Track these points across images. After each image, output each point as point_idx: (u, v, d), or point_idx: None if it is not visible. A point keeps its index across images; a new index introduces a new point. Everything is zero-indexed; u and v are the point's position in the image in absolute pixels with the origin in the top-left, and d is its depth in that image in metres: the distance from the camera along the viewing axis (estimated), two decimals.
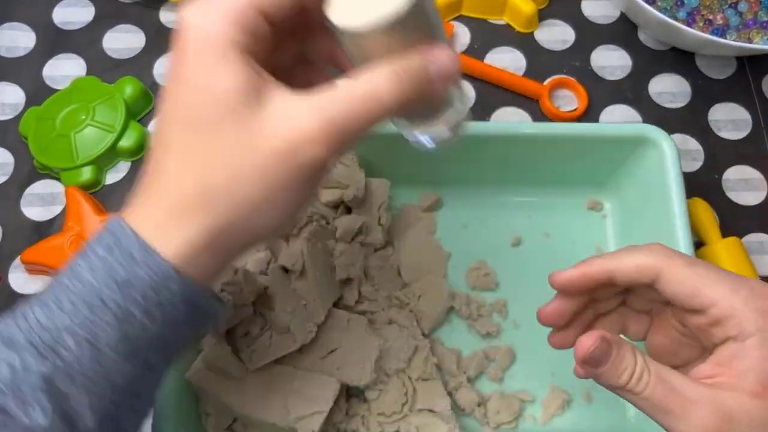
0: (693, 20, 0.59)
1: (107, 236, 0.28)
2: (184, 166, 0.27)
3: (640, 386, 0.28)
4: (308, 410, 0.41)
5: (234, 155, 0.26)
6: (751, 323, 0.28)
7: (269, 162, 0.26)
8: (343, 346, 0.43)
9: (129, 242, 0.27)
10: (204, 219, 0.27)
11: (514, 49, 0.60)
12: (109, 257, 0.27)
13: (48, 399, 0.26)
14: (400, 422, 0.44)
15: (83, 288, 0.27)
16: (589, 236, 0.52)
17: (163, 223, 0.27)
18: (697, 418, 0.27)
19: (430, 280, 0.48)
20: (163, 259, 0.27)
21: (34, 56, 0.58)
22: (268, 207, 0.27)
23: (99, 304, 0.27)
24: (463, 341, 0.49)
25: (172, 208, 0.27)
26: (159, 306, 0.27)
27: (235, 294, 0.39)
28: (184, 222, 0.27)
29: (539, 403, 0.47)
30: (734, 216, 0.54)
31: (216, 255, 0.28)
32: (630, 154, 0.49)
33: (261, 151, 0.26)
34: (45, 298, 0.28)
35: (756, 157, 0.56)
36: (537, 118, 0.57)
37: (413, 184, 0.52)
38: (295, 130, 0.26)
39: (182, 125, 0.27)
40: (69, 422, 0.27)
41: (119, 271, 0.27)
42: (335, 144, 0.26)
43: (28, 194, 0.53)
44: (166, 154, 0.28)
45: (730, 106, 0.58)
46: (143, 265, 0.27)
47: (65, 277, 0.28)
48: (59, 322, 0.27)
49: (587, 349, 0.29)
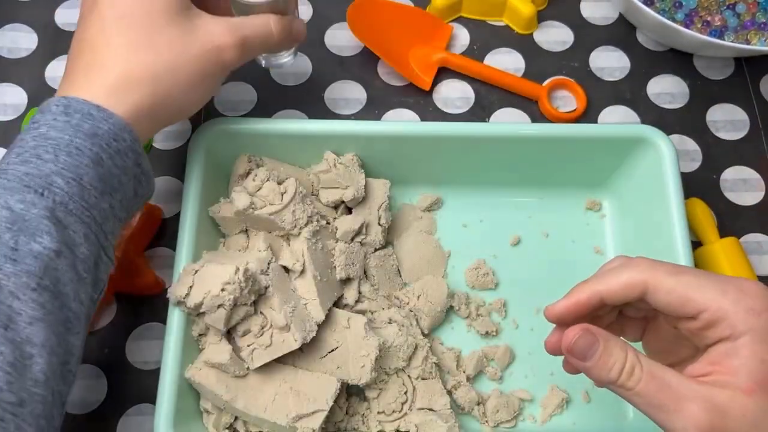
0: (691, 21, 0.59)
1: (56, 108, 0.35)
2: (129, 52, 0.37)
3: (632, 381, 0.29)
4: (308, 409, 0.41)
5: (176, 48, 0.38)
6: (741, 323, 0.29)
7: (202, 56, 0.39)
8: (343, 346, 0.43)
9: (85, 107, 0.35)
10: (150, 89, 0.37)
11: (513, 50, 0.60)
12: (70, 119, 0.35)
13: (54, 227, 0.32)
14: (400, 421, 0.44)
15: (56, 142, 0.34)
16: (588, 236, 0.52)
17: (113, 92, 0.36)
18: (691, 414, 0.28)
19: (429, 280, 0.49)
20: (118, 116, 0.36)
21: (35, 57, 0.58)
22: (196, 89, 0.40)
23: (75, 151, 0.34)
24: (462, 341, 0.49)
25: (119, 81, 0.36)
26: (118, 153, 0.36)
27: (235, 293, 0.40)
28: (133, 90, 0.36)
29: (538, 402, 0.48)
30: (732, 216, 0.54)
31: (153, 120, 0.38)
32: (629, 154, 0.49)
33: (197, 48, 0.38)
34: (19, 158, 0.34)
35: (754, 157, 0.56)
36: (536, 119, 0.57)
37: (413, 184, 0.53)
38: (221, 38, 0.39)
39: (125, 24, 0.37)
40: (70, 248, 0.33)
41: (84, 126, 0.35)
42: (244, 53, 0.41)
43: None
44: (106, 45, 0.37)
45: (728, 106, 0.58)
46: (102, 121, 0.35)
47: (29, 139, 0.34)
48: (46, 169, 0.33)
49: (571, 339, 0.30)
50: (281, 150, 0.48)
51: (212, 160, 0.47)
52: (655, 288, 0.31)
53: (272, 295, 0.42)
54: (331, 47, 0.60)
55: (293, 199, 0.45)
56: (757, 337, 0.28)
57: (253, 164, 0.48)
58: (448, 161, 0.51)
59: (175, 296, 0.41)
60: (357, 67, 0.59)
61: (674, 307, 0.30)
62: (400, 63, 0.57)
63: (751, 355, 0.28)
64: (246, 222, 0.46)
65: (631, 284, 0.31)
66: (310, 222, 0.45)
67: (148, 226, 0.51)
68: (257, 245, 0.45)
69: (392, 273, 0.50)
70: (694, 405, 0.28)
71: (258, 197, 0.45)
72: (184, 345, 0.42)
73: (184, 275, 0.41)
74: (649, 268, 0.31)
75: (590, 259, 0.52)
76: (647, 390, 0.29)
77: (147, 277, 0.49)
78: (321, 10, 0.61)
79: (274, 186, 0.45)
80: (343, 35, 0.60)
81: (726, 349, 0.29)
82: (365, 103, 0.57)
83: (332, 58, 0.59)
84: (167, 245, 0.52)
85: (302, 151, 0.49)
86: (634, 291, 0.31)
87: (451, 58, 0.58)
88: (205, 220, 0.46)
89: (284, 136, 0.48)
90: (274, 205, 0.45)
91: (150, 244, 0.52)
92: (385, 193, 0.50)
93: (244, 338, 0.42)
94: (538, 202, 0.53)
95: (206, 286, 0.40)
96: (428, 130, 0.48)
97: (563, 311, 0.33)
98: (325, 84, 0.58)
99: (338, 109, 0.57)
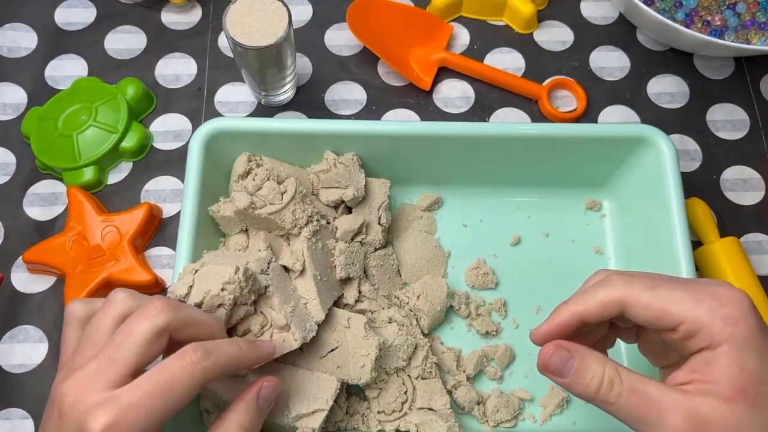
0: (691, 21, 0.59)
1: None
2: None
3: (612, 396, 0.29)
4: (308, 408, 0.41)
5: None
6: (719, 333, 0.29)
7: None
8: (343, 345, 0.43)
9: None
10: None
11: (514, 49, 0.60)
12: None
13: None
14: (400, 420, 0.44)
15: None
16: (587, 236, 0.52)
17: None
18: (674, 426, 0.28)
19: (429, 280, 0.49)
20: None
21: (35, 57, 0.58)
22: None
23: None
24: (462, 340, 0.49)
25: None
26: None
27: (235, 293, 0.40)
28: None
29: (538, 402, 0.48)
30: (732, 216, 0.54)
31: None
32: (629, 154, 0.49)
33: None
34: None
35: (754, 157, 0.56)
36: (536, 119, 0.57)
37: (413, 184, 0.53)
38: None
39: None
40: None
41: None
42: None
43: (30, 194, 0.53)
44: None
45: (729, 106, 0.58)
46: None
47: None
48: None
49: (545, 357, 0.31)
50: (281, 150, 0.48)
51: (212, 160, 0.47)
52: (631, 305, 0.31)
53: (272, 295, 0.42)
54: (331, 47, 0.60)
55: (293, 198, 0.45)
56: (735, 345, 0.28)
57: (253, 164, 0.48)
58: (448, 161, 0.51)
59: (175, 296, 0.41)
60: (357, 67, 0.59)
61: (653, 322, 0.31)
62: (400, 63, 0.57)
63: (731, 363, 0.28)
64: (246, 222, 0.46)
65: (607, 303, 0.32)
66: (310, 222, 0.45)
67: (147, 225, 0.51)
68: (257, 245, 0.45)
69: (392, 273, 0.50)
70: (676, 417, 0.28)
71: (258, 197, 0.45)
72: None
73: (184, 275, 0.41)
74: (625, 283, 0.32)
75: (590, 259, 0.52)
76: (629, 404, 0.29)
77: (147, 277, 0.49)
78: (321, 10, 0.61)
79: (274, 185, 0.45)
80: (343, 35, 0.60)
81: (706, 358, 0.29)
82: (365, 103, 0.57)
83: (332, 58, 0.59)
84: (167, 245, 0.52)
85: (302, 150, 0.49)
86: (611, 309, 0.32)
87: (451, 58, 0.58)
88: (204, 220, 0.46)
89: (284, 136, 0.48)
90: (274, 204, 0.45)
91: (150, 244, 0.52)
92: (385, 192, 0.50)
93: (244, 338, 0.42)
94: (538, 202, 0.53)
95: (206, 285, 0.40)
96: (428, 130, 0.48)
97: (546, 335, 0.34)
98: (325, 84, 0.58)
99: (338, 110, 0.57)
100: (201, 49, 0.59)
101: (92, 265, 0.49)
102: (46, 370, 0.48)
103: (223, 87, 0.58)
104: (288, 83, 0.54)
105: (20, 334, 0.49)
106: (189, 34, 0.60)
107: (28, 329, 0.49)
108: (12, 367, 0.48)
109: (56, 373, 0.34)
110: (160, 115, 0.57)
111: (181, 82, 0.58)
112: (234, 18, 0.47)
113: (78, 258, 0.49)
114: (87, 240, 0.50)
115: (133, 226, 0.50)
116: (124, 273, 0.49)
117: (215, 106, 0.57)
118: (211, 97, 0.57)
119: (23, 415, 0.47)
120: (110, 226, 0.50)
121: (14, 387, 0.47)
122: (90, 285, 0.48)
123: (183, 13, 0.61)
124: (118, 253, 0.49)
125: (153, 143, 0.55)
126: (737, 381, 0.28)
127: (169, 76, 0.58)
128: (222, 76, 0.58)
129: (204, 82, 0.58)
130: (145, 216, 0.50)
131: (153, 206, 0.51)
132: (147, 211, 0.50)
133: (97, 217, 0.50)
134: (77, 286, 0.48)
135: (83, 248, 0.49)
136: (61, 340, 0.35)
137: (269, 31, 0.47)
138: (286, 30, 0.47)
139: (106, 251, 0.49)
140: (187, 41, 0.59)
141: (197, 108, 0.57)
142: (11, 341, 0.49)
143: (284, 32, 0.47)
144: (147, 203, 0.51)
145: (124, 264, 0.49)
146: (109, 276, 0.48)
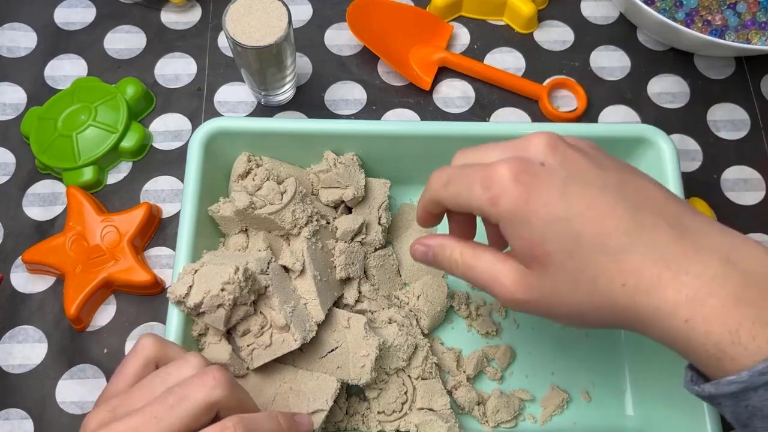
0: (692, 21, 0.59)
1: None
2: None
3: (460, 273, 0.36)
4: (308, 409, 0.41)
5: None
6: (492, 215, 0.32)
7: None
8: (343, 346, 0.43)
9: None
10: None
11: (514, 49, 0.60)
12: None
13: None
14: (400, 421, 0.44)
15: None
16: None
17: None
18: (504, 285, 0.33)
19: (429, 280, 0.48)
20: None
21: (35, 56, 0.58)
22: None
23: None
24: (462, 340, 0.49)
25: None
26: None
27: (235, 293, 0.40)
28: None
29: (538, 402, 0.48)
30: (733, 216, 0.54)
31: None
32: (629, 154, 0.49)
33: None
34: None
35: (755, 157, 0.56)
36: (536, 119, 0.57)
37: (413, 184, 0.52)
38: None
39: None
40: None
41: None
42: None
43: (30, 194, 0.53)
44: None
45: (729, 106, 0.58)
46: None
47: None
48: None
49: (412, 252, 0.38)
50: (281, 150, 0.48)
51: (212, 160, 0.47)
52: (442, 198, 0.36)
53: (272, 295, 0.42)
54: (331, 47, 0.60)
55: (293, 198, 0.45)
56: (505, 222, 0.32)
57: (253, 164, 0.48)
58: (448, 161, 0.50)
59: (174, 296, 0.41)
60: (357, 67, 0.59)
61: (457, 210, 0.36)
62: (400, 63, 0.57)
63: (511, 236, 0.32)
64: (246, 222, 0.46)
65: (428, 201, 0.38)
66: (309, 222, 0.45)
67: (147, 225, 0.51)
68: (257, 245, 0.45)
69: (392, 273, 0.50)
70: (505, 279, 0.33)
71: (258, 197, 0.45)
72: (184, 345, 0.41)
73: (183, 275, 0.41)
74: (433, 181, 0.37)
75: None
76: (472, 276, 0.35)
77: (147, 277, 0.49)
78: (321, 10, 0.61)
79: (274, 185, 0.45)
80: (343, 35, 0.60)
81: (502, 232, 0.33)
82: (365, 103, 0.57)
83: (332, 58, 0.59)
84: (167, 245, 0.52)
85: (302, 150, 0.49)
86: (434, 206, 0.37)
87: (452, 58, 0.58)
88: (204, 220, 0.46)
89: (284, 136, 0.48)
90: (273, 204, 0.45)
91: (150, 244, 0.52)
92: (385, 192, 0.50)
93: (244, 338, 0.42)
94: None
95: (206, 285, 0.40)
96: (428, 129, 0.48)
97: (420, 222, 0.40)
98: (325, 84, 0.58)
99: (338, 109, 0.57)
100: (201, 48, 0.59)
101: (92, 265, 0.49)
102: (46, 371, 0.48)
103: (222, 87, 0.58)
104: (288, 83, 0.54)
105: (20, 334, 0.49)
106: (189, 33, 0.60)
107: (28, 329, 0.49)
108: (11, 367, 0.48)
109: (97, 401, 0.33)
110: (160, 115, 0.57)
111: (180, 82, 0.58)
112: (234, 18, 0.47)
113: (78, 258, 0.49)
114: (86, 240, 0.49)
115: (132, 226, 0.50)
116: (123, 273, 0.48)
117: (215, 105, 0.57)
118: (211, 96, 0.57)
119: (23, 415, 0.47)
120: (110, 226, 0.50)
121: (14, 387, 0.47)
122: (90, 285, 0.48)
123: (183, 13, 0.61)
124: (118, 253, 0.49)
125: (153, 143, 0.55)
126: (524, 249, 0.32)
127: (168, 76, 0.58)
128: (222, 76, 0.58)
129: (204, 82, 0.58)
130: (145, 216, 0.50)
131: (153, 206, 0.51)
132: (147, 211, 0.50)
133: (96, 217, 0.50)
134: (77, 286, 0.48)
135: (83, 248, 0.49)
136: (119, 367, 0.34)
137: (269, 30, 0.47)
138: (286, 30, 0.47)
139: (105, 251, 0.49)
140: (187, 41, 0.59)
141: (197, 108, 0.57)
142: (11, 341, 0.49)
143: (284, 32, 0.47)
144: (146, 203, 0.51)
145: (124, 264, 0.49)
146: (108, 276, 0.48)
